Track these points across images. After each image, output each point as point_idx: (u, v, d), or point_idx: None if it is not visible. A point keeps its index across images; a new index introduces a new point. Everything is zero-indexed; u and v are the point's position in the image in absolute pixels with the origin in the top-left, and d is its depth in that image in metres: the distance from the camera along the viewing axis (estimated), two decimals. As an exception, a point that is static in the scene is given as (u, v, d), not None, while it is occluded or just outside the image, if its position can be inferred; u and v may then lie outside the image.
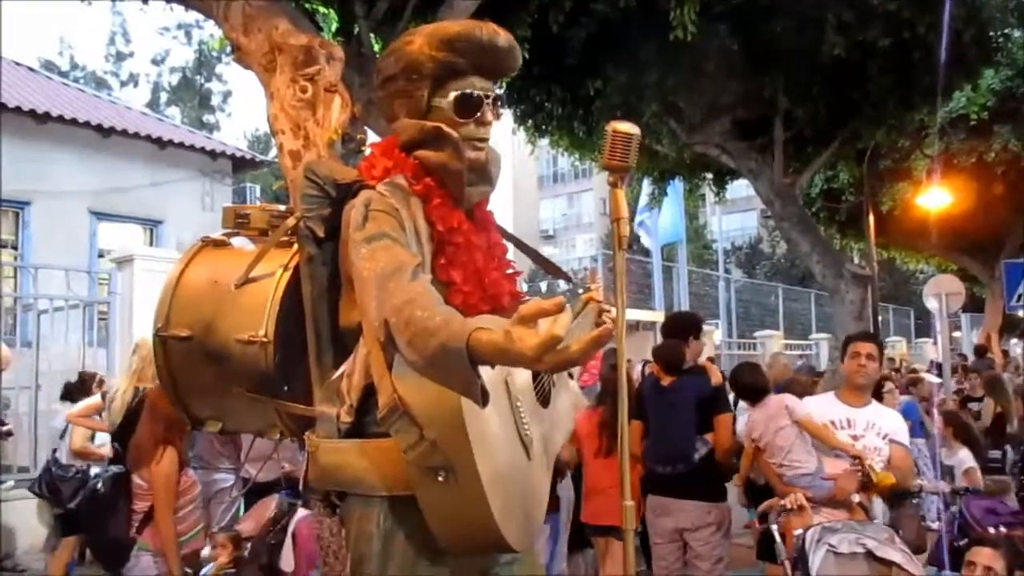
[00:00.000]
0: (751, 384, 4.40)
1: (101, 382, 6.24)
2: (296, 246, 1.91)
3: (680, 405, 4.43)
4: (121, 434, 4.47)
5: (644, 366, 6.87)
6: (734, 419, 4.54)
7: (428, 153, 1.77)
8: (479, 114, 1.77)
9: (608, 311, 1.77)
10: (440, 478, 1.55)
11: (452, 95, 1.75)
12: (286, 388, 1.89)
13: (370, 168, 1.82)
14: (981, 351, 14.07)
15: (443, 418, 1.53)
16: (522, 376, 1.80)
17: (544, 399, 1.91)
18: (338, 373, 1.76)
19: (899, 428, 3.82)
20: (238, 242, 2.15)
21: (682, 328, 4.76)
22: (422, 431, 1.55)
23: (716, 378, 4.54)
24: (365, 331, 1.66)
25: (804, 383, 6.57)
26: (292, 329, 1.87)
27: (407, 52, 1.75)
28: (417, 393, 1.56)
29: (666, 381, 4.57)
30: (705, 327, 11.41)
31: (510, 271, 1.92)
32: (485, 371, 1.42)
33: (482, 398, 1.41)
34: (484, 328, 1.36)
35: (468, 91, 1.76)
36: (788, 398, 4.09)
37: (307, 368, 1.86)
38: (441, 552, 1.64)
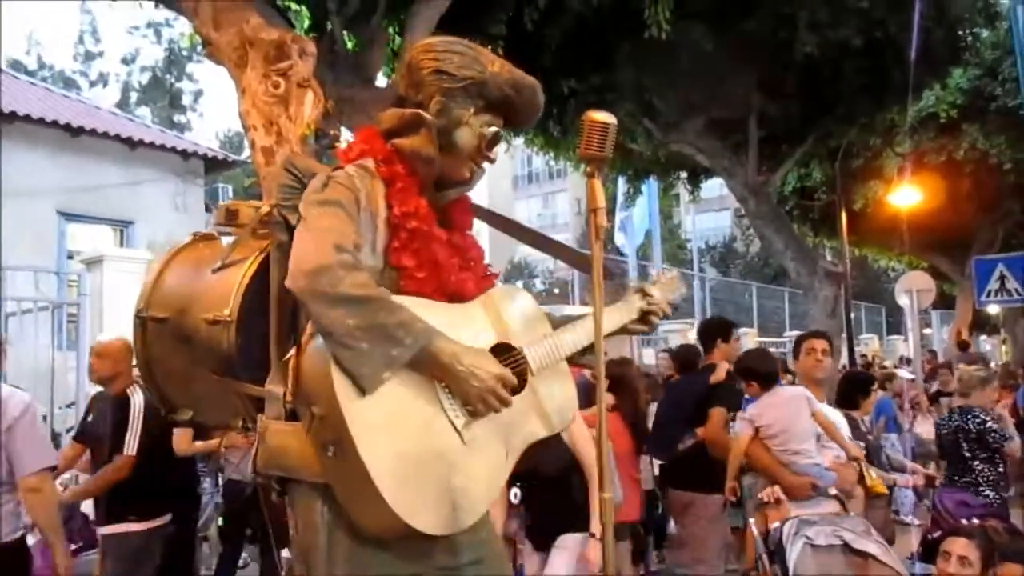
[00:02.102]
0: (762, 370, 4.10)
1: None
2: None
3: (676, 400, 4.83)
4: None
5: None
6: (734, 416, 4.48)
7: (403, 140, 1.82)
8: (493, 151, 1.89)
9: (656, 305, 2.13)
10: (329, 453, 1.58)
11: (491, 130, 1.84)
12: (248, 372, 1.88)
13: (347, 152, 1.89)
14: (964, 345, 14.42)
15: (323, 393, 1.57)
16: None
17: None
18: (289, 354, 1.75)
19: (843, 427, 3.97)
20: (228, 239, 2.20)
21: (712, 332, 5.10)
22: (311, 407, 1.59)
23: (716, 376, 4.69)
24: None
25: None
26: (258, 312, 1.89)
27: (485, 72, 1.80)
28: (308, 367, 1.62)
29: (674, 379, 5.13)
30: (682, 326, 11.53)
31: (487, 274, 1.94)
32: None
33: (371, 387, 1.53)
34: (449, 339, 1.58)
35: (499, 131, 1.86)
36: (806, 391, 3.95)
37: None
38: (384, 543, 1.63)
